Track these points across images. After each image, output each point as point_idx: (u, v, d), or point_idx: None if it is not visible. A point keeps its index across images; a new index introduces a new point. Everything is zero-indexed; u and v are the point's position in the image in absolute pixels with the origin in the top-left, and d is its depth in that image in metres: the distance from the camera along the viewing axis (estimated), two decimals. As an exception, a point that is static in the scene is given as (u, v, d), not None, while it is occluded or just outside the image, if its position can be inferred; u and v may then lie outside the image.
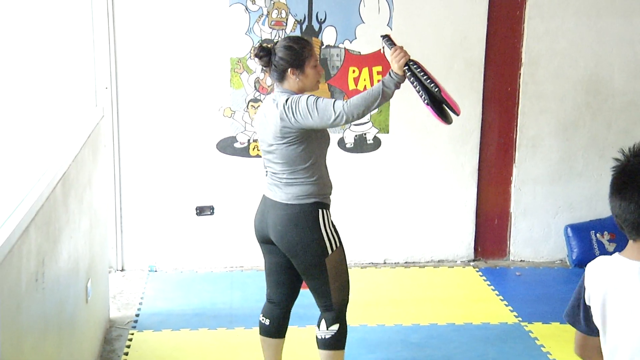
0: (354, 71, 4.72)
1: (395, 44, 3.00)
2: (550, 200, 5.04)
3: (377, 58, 4.71)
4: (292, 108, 2.94)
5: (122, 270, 4.81)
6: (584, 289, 2.00)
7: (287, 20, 4.63)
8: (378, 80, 3.13)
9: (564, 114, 4.93)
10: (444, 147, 4.90)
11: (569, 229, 4.97)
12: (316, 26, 4.65)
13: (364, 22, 4.68)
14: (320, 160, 3.08)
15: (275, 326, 3.26)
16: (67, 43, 3.51)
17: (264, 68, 3.09)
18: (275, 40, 4.43)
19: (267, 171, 3.14)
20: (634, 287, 1.85)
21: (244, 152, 4.77)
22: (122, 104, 4.62)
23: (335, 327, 3.11)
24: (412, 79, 2.94)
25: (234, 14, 4.59)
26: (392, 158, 4.87)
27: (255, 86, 4.69)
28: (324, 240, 3.03)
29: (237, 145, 4.76)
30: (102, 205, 3.91)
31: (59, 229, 2.76)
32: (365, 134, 4.81)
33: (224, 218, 4.82)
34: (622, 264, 1.89)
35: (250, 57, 4.63)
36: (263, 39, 4.62)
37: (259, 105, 4.71)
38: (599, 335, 2.03)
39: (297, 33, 4.63)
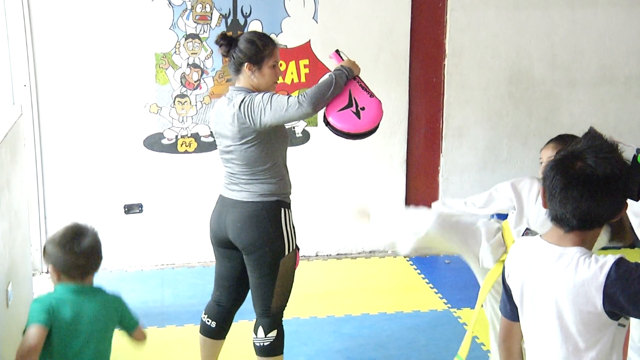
0: (280, 65, 4.70)
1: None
2: (477, 189, 5.11)
3: (304, 51, 4.72)
4: (249, 106, 2.90)
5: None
6: (504, 267, 2.06)
7: (211, 14, 4.58)
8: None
9: (488, 103, 5.05)
10: (372, 138, 4.83)
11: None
12: (241, 20, 4.62)
13: (289, 16, 4.68)
14: (280, 161, 3.05)
15: (220, 328, 3.23)
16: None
17: (223, 57, 3.06)
18: (200, 33, 4.37)
19: (225, 171, 3.08)
20: (550, 270, 1.90)
21: (172, 148, 4.71)
22: (43, 101, 4.50)
23: (274, 333, 3.08)
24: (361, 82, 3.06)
25: (157, 8, 4.52)
26: (321, 151, 4.88)
27: (181, 82, 4.63)
28: (283, 238, 3.01)
29: (164, 141, 4.69)
30: (23, 206, 3.79)
31: (-27, 232, 2.66)
32: (294, 127, 4.81)
33: (153, 215, 4.75)
34: (542, 247, 1.94)
35: (175, 52, 4.57)
36: (188, 33, 4.57)
37: (185, 101, 4.66)
38: None
39: (222, 27, 4.59)
